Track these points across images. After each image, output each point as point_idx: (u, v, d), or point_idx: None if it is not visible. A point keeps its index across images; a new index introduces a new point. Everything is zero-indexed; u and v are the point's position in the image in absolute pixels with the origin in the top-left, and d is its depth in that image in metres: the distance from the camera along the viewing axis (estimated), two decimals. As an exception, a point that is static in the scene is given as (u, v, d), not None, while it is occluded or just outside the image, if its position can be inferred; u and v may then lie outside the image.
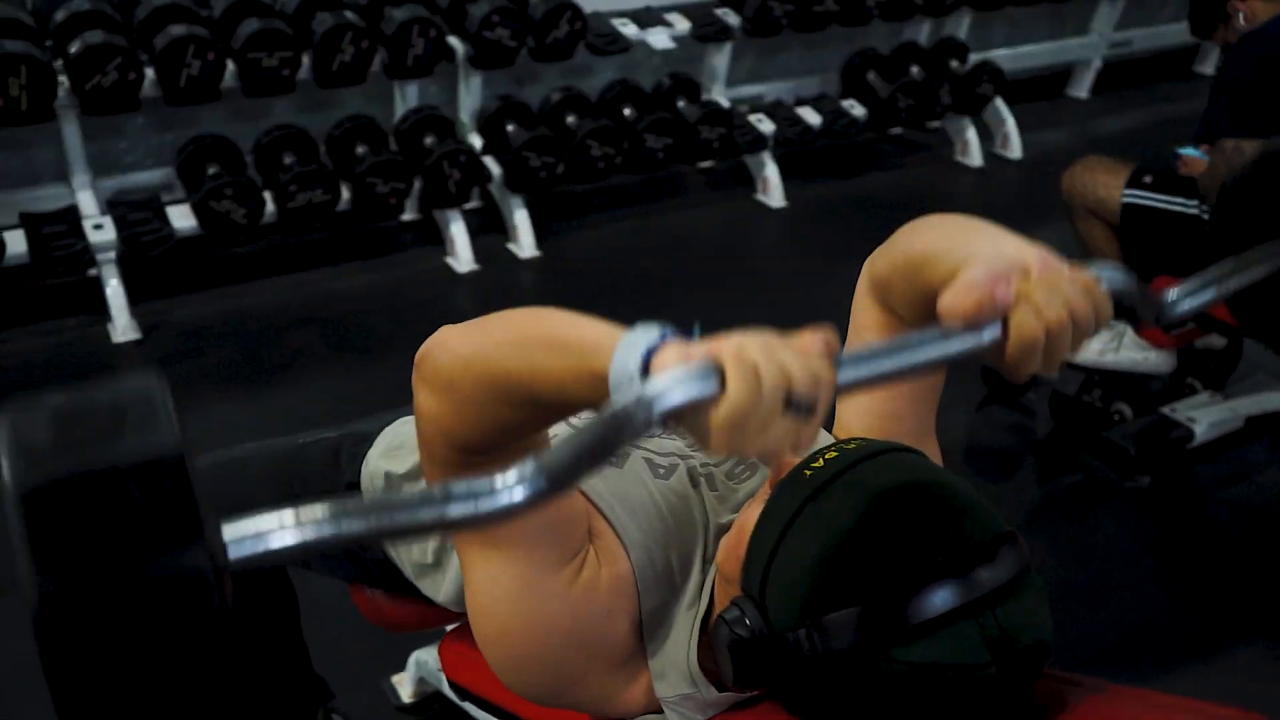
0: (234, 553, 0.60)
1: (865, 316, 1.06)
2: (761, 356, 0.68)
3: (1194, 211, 2.36)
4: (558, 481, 0.66)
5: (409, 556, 1.26)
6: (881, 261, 1.01)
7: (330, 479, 1.32)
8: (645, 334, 0.72)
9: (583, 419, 1.12)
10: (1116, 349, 2.61)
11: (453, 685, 1.40)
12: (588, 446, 0.67)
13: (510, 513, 0.65)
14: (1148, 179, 2.43)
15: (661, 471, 1.04)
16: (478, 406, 0.84)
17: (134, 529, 0.56)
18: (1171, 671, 2.07)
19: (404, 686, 1.87)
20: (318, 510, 0.62)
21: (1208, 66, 5.29)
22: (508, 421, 0.84)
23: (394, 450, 1.28)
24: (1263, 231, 2.36)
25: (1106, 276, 0.83)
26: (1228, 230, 2.29)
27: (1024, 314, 0.77)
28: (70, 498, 0.55)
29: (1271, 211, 2.25)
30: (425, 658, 1.78)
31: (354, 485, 1.31)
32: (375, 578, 1.38)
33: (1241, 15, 2.31)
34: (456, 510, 0.64)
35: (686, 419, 0.68)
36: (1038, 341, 0.77)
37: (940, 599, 0.77)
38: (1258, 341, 1.29)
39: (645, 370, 0.70)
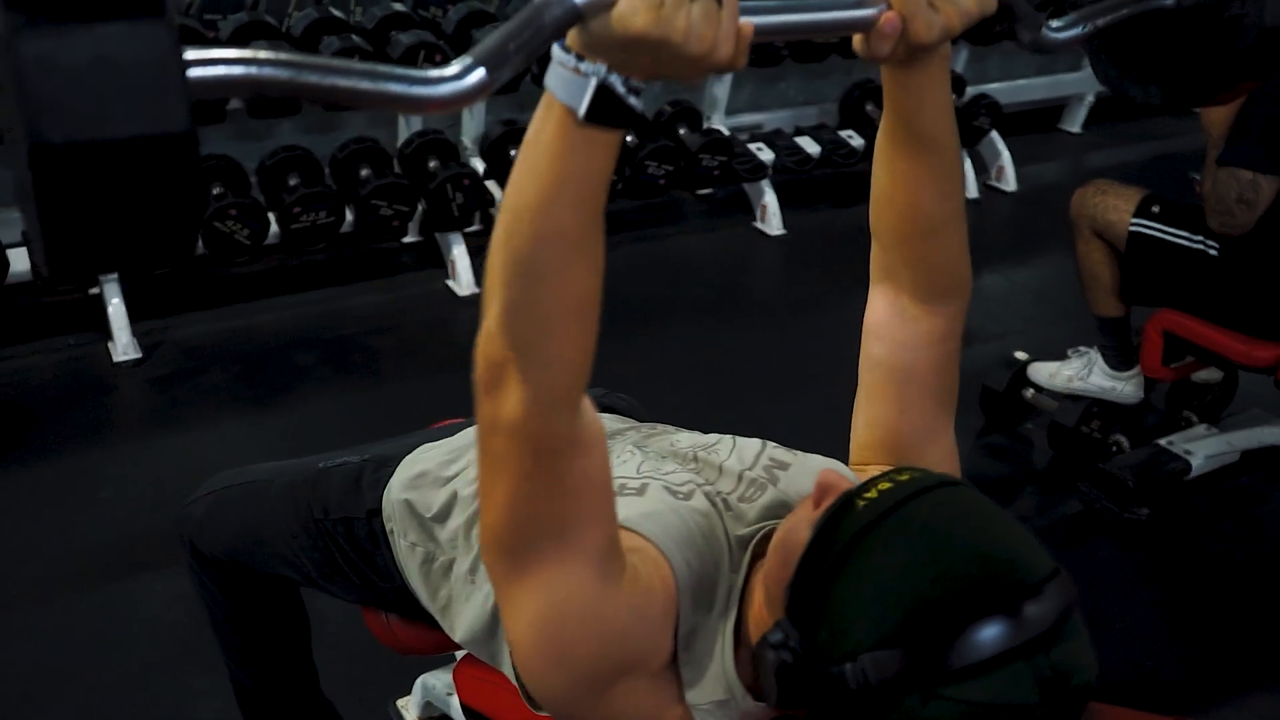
0: (192, 71, 0.63)
1: (870, 312, 1.11)
2: None
3: (1199, 246, 2.39)
4: (492, 65, 0.71)
5: (423, 592, 1.26)
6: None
7: (351, 505, 1.32)
8: None
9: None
10: (1086, 377, 2.65)
11: (467, 710, 1.40)
12: (513, 33, 0.72)
13: (455, 98, 0.71)
14: (1156, 209, 2.45)
15: (681, 495, 1.05)
16: (540, 325, 0.81)
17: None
18: (1173, 703, 2.08)
19: (409, 710, 1.86)
20: (275, 55, 0.66)
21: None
22: (567, 301, 0.81)
23: (416, 480, 1.28)
24: (1268, 266, 2.38)
25: None
26: (1236, 264, 2.33)
27: None
28: None
29: (1274, 248, 2.28)
30: (432, 682, 1.77)
31: (375, 512, 1.31)
32: (390, 603, 1.38)
33: None
34: (397, 88, 0.70)
35: (597, 9, 0.72)
36: None
37: (992, 638, 0.78)
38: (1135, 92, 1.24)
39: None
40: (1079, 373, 2.68)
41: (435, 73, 0.71)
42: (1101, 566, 2.43)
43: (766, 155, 3.79)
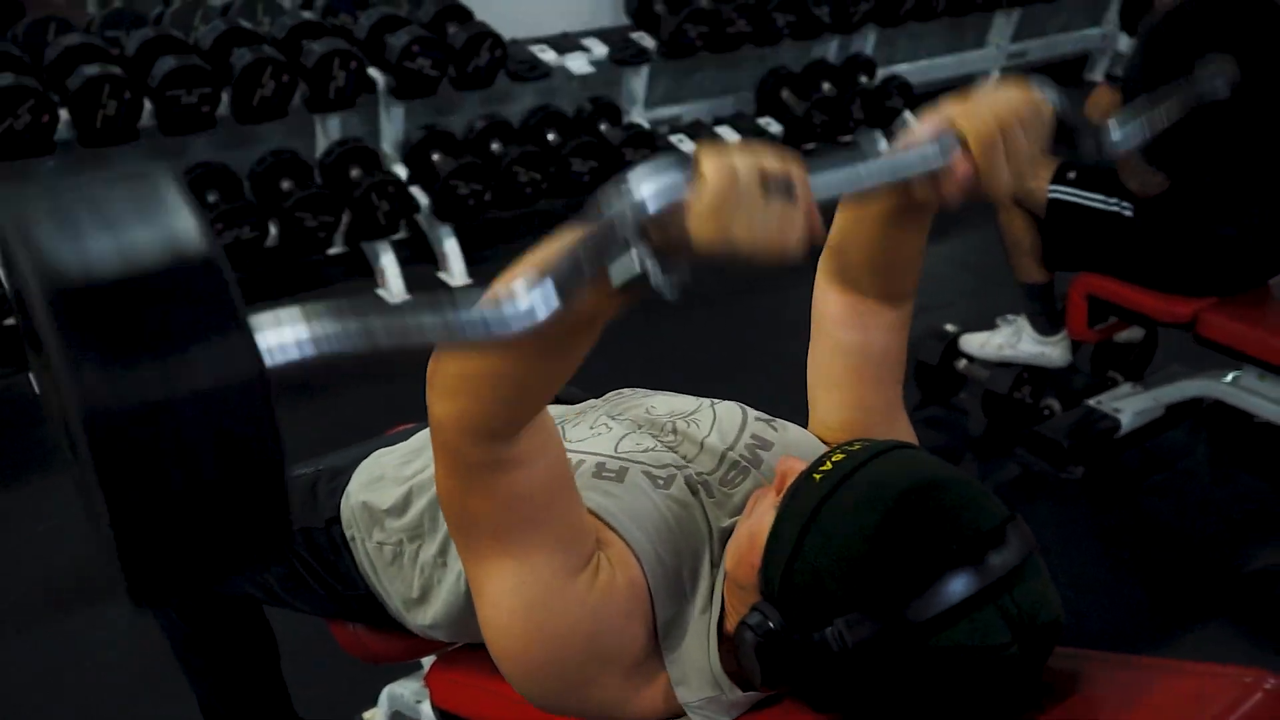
0: (267, 355, 0.60)
1: (826, 306, 1.12)
2: (733, 149, 0.73)
3: (1114, 209, 2.47)
4: (565, 287, 0.68)
5: (396, 590, 1.25)
6: (829, 243, 1.08)
7: (308, 515, 1.30)
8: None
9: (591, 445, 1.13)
10: (1015, 344, 2.73)
11: (441, 714, 1.39)
12: (585, 252, 0.70)
13: (530, 328, 0.67)
14: (1072, 175, 2.52)
15: (660, 482, 1.05)
16: (491, 382, 0.84)
17: (174, 323, 0.55)
18: (1123, 650, 2.15)
19: (376, 722, 1.85)
20: (340, 310, 0.64)
21: (1097, 73, 5.53)
22: (523, 385, 0.84)
23: (374, 483, 1.27)
24: (1181, 224, 2.45)
25: (1048, 94, 0.91)
26: (1150, 225, 2.40)
27: (975, 119, 0.85)
28: (99, 295, 0.53)
29: (1185, 207, 2.35)
30: (399, 691, 1.75)
31: (334, 520, 1.29)
32: (355, 612, 1.37)
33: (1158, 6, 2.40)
34: (468, 318, 0.67)
35: (671, 218, 0.71)
36: (995, 138, 0.85)
37: (959, 586, 0.81)
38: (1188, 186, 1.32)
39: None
40: (1008, 340, 2.75)
41: (508, 305, 0.67)
42: (1042, 525, 2.46)
43: (688, 147, 3.81)
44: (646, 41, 3.76)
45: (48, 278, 0.53)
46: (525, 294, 0.67)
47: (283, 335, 0.61)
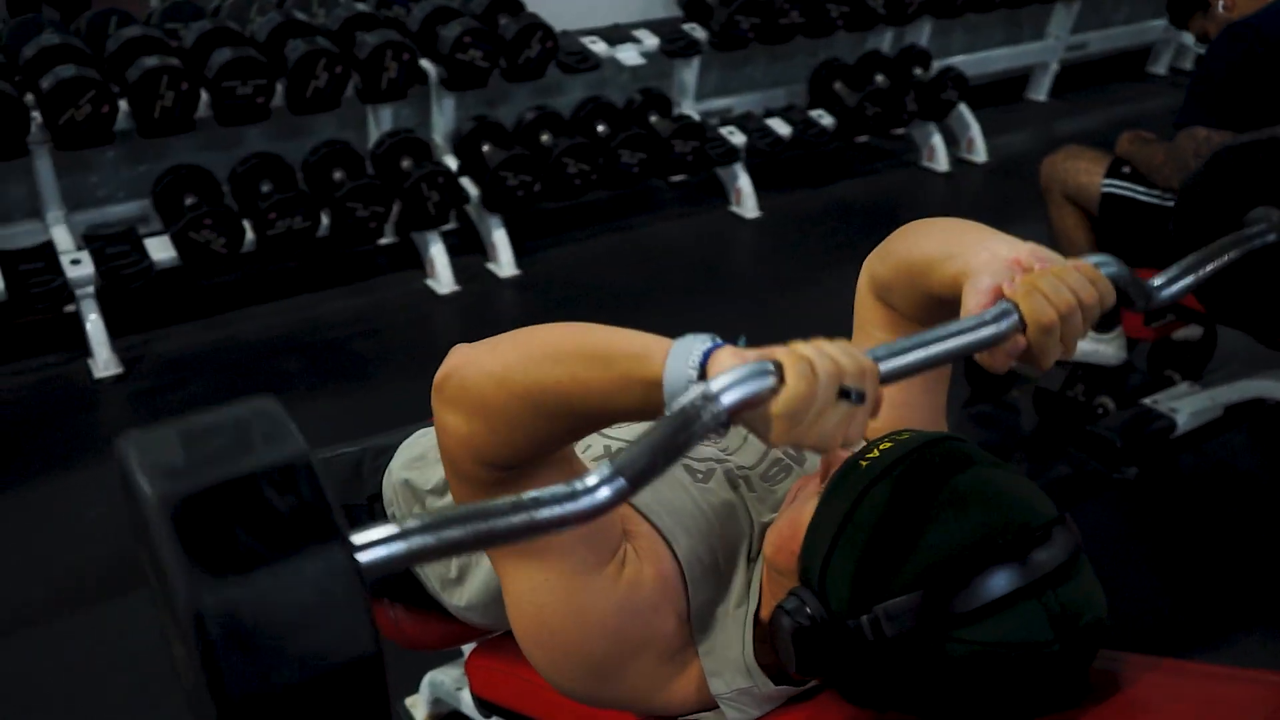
0: (361, 558, 0.62)
1: (869, 314, 1.11)
2: (813, 353, 0.74)
3: (1171, 204, 2.41)
4: (636, 480, 0.70)
5: (434, 570, 1.26)
6: (880, 266, 1.06)
7: (353, 492, 1.32)
8: (698, 341, 0.76)
9: (617, 430, 1.13)
10: None
11: (480, 702, 1.40)
12: (661, 445, 0.70)
13: (598, 512, 0.69)
14: (1126, 169, 2.47)
15: (700, 476, 1.05)
16: (512, 423, 0.85)
17: (278, 531, 0.58)
18: (1172, 655, 2.10)
19: (418, 709, 1.86)
20: (428, 520, 0.66)
21: (1160, 67, 5.41)
22: (543, 434, 0.86)
23: (415, 462, 1.28)
24: (1221, 226, 2.43)
25: (1101, 262, 0.91)
26: (1190, 226, 2.36)
27: (1036, 300, 0.84)
28: (213, 506, 0.57)
29: (1227, 208, 2.31)
30: (440, 678, 1.77)
31: (376, 497, 1.31)
32: (395, 591, 1.38)
33: (1221, 4, 2.35)
34: (545, 514, 0.68)
35: (748, 414, 0.72)
36: (1054, 324, 0.84)
37: (1001, 581, 0.80)
38: (1231, 328, 1.34)
39: (702, 374, 0.73)
40: None
41: (584, 497, 0.69)
42: (1093, 527, 2.45)
43: (738, 139, 3.79)
44: (698, 33, 3.74)
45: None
46: (598, 485, 0.69)
47: (379, 553, 0.64)
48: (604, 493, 0.68)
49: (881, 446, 0.89)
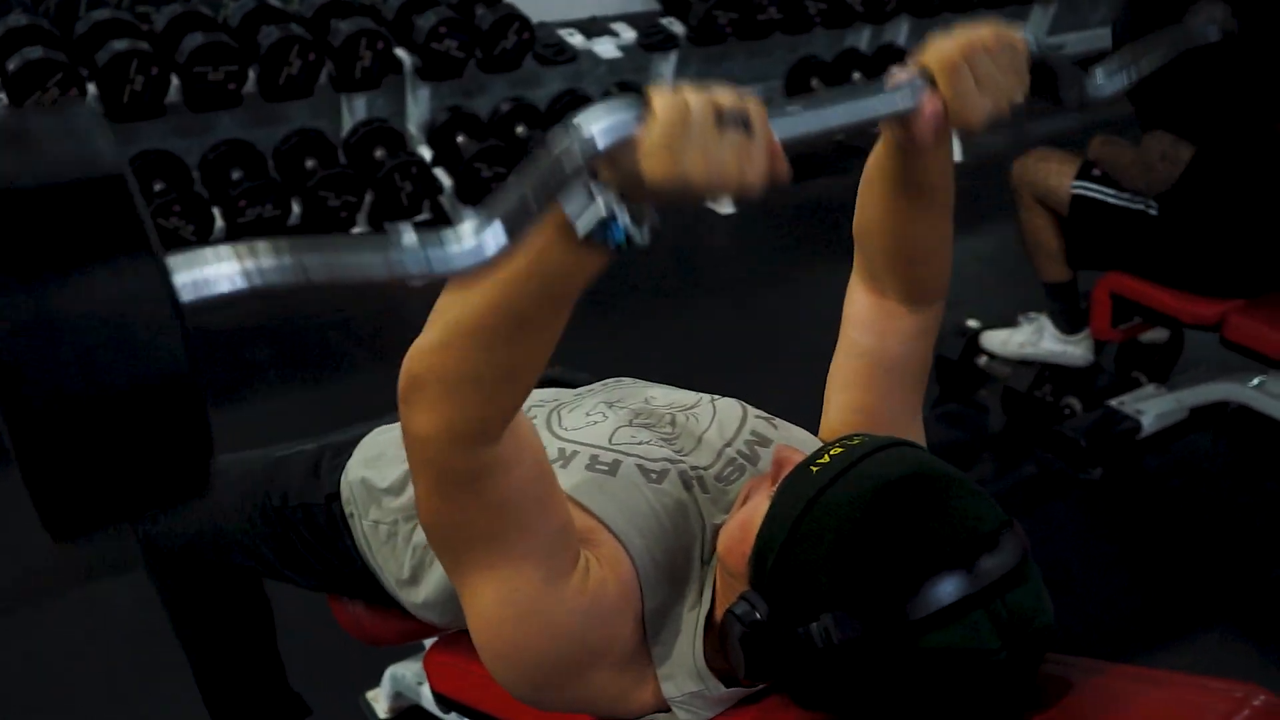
0: (182, 289, 0.59)
1: (851, 306, 1.12)
2: (685, 88, 0.72)
3: (1140, 207, 2.43)
4: (514, 225, 0.68)
5: (390, 569, 1.25)
6: (854, 227, 1.09)
7: (310, 491, 1.31)
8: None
9: (570, 433, 1.12)
10: (1037, 342, 2.70)
11: (438, 697, 1.40)
12: (532, 189, 0.69)
13: (473, 263, 0.66)
14: (1097, 172, 2.48)
15: (654, 476, 1.04)
16: (475, 374, 0.82)
17: (85, 242, 0.54)
18: (1136, 656, 2.12)
19: (379, 702, 1.86)
20: (263, 246, 0.62)
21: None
22: (510, 364, 0.82)
23: (374, 460, 1.27)
24: (1206, 224, 2.45)
25: (1023, 32, 0.91)
26: (1175, 224, 2.38)
27: (938, 50, 0.87)
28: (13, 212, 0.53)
29: (1211, 207, 2.34)
30: (401, 672, 1.77)
31: (334, 496, 1.30)
32: (353, 589, 1.37)
33: None
34: (411, 259, 0.65)
35: (625, 155, 0.69)
36: (957, 62, 0.85)
37: (949, 588, 0.80)
38: (1159, 129, 1.29)
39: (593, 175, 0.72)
40: (1030, 338, 2.71)
41: (453, 242, 0.66)
42: (1058, 527, 2.47)
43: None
44: (676, 27, 3.74)
45: None
46: (472, 233, 0.67)
47: (213, 269, 0.60)
48: (479, 239, 0.66)
49: (832, 452, 0.89)
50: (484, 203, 0.69)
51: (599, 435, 1.09)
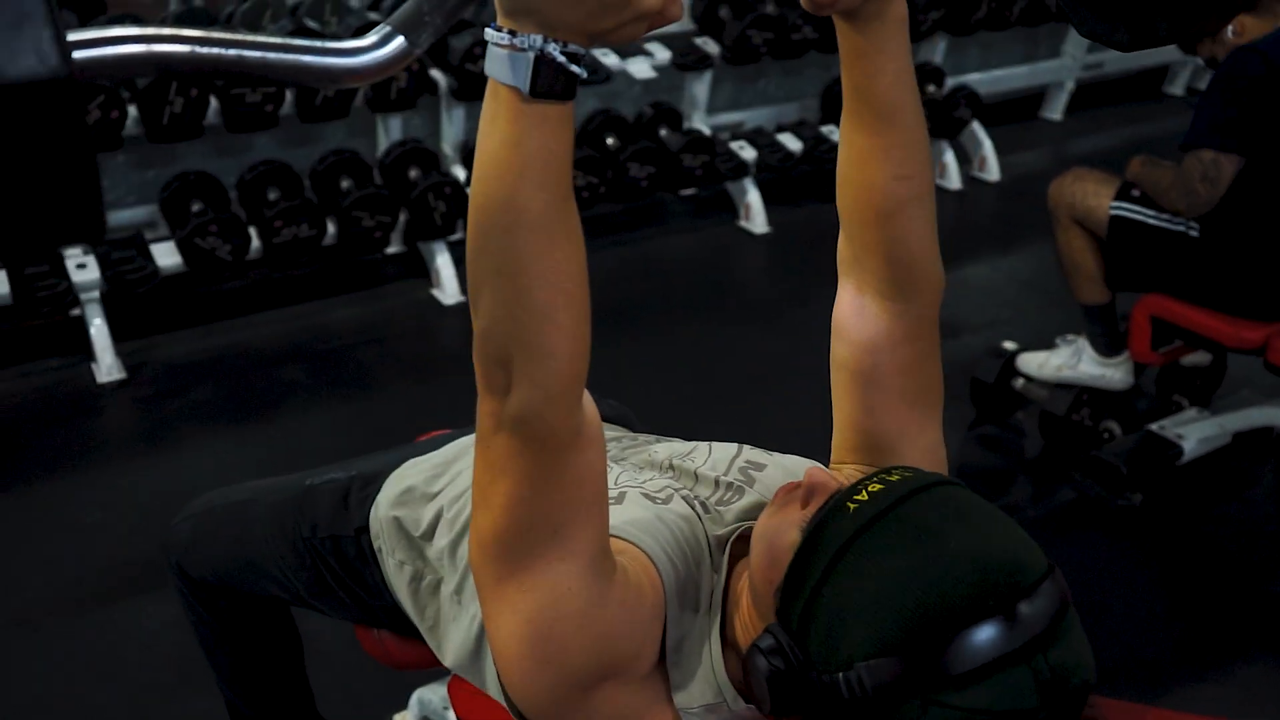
0: (78, 52, 0.59)
1: (835, 316, 1.08)
2: None
3: (1180, 229, 2.39)
4: (409, 30, 0.70)
5: (413, 611, 1.25)
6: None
7: (339, 523, 1.30)
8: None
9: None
10: (1075, 365, 2.65)
11: (463, 724, 1.39)
12: (427, 2, 0.71)
13: (377, 69, 0.69)
14: (1136, 192, 2.45)
15: (659, 500, 1.04)
16: (524, 307, 0.79)
17: None
18: (1172, 687, 2.08)
19: (406, 725, 1.85)
20: (175, 30, 0.63)
21: (1177, 87, 5.38)
22: (548, 283, 0.79)
23: (403, 497, 1.27)
24: (1249, 245, 2.41)
25: None
26: (1217, 246, 2.34)
27: None
28: None
29: (1254, 228, 2.29)
30: (428, 696, 1.76)
31: (363, 529, 1.29)
32: (382, 621, 1.37)
33: (1230, 29, 2.33)
34: (311, 59, 0.67)
35: None
36: None
37: (989, 643, 0.77)
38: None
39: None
40: (1068, 361, 2.67)
41: (351, 43, 0.68)
42: (1096, 554, 2.43)
43: (749, 153, 3.78)
44: (710, 47, 3.73)
45: None
46: (374, 37, 0.69)
47: (113, 32, 0.61)
48: (381, 49, 0.69)
49: (871, 488, 0.86)
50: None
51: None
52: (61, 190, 0.57)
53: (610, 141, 3.58)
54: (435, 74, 3.27)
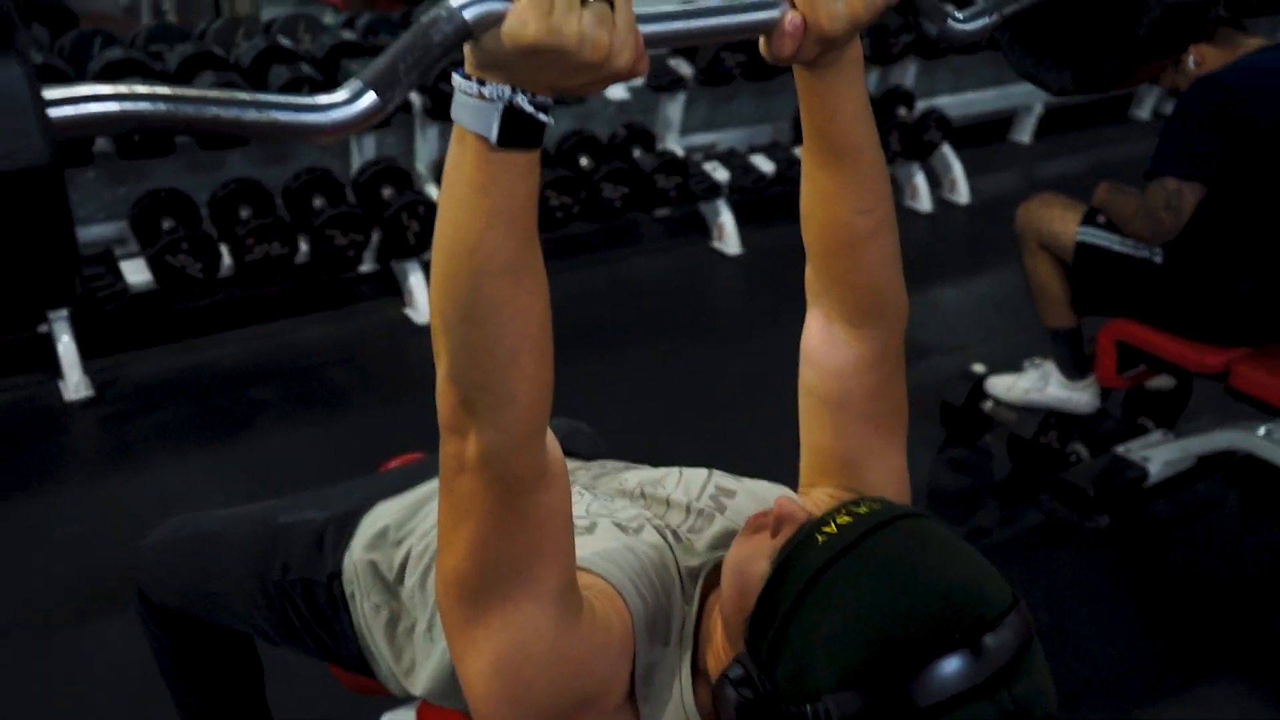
0: (57, 110, 0.59)
1: (804, 342, 1.10)
2: None
3: (1144, 255, 2.42)
4: (382, 87, 0.70)
5: (388, 654, 1.24)
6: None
7: (313, 567, 1.29)
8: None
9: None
10: (1042, 388, 2.69)
11: (432, 749, 1.38)
12: (401, 53, 0.71)
13: (347, 125, 0.69)
14: (1102, 219, 2.49)
15: (631, 530, 1.05)
16: (484, 349, 0.80)
17: None
18: (1139, 708, 2.10)
19: (375, 749, 1.84)
20: (151, 89, 0.64)
21: (1144, 111, 5.46)
22: (508, 324, 0.80)
23: (377, 540, 1.27)
24: (1212, 273, 2.44)
25: None
26: (1180, 273, 2.38)
27: None
28: None
29: (1216, 256, 2.33)
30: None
31: (335, 575, 1.28)
32: (345, 666, 1.36)
33: (1191, 59, 2.37)
34: (284, 116, 0.67)
35: (491, 32, 0.71)
36: None
37: (954, 676, 0.78)
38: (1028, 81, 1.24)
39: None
40: (1035, 384, 2.70)
41: (324, 99, 0.69)
42: (1063, 576, 2.45)
43: (722, 175, 3.80)
44: (684, 68, 3.76)
45: None
46: (344, 93, 0.70)
47: (88, 90, 0.61)
48: (352, 106, 0.69)
49: (840, 520, 0.87)
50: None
51: (576, 509, 1.09)
52: (43, 270, 0.58)
53: (584, 162, 3.59)
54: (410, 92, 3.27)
